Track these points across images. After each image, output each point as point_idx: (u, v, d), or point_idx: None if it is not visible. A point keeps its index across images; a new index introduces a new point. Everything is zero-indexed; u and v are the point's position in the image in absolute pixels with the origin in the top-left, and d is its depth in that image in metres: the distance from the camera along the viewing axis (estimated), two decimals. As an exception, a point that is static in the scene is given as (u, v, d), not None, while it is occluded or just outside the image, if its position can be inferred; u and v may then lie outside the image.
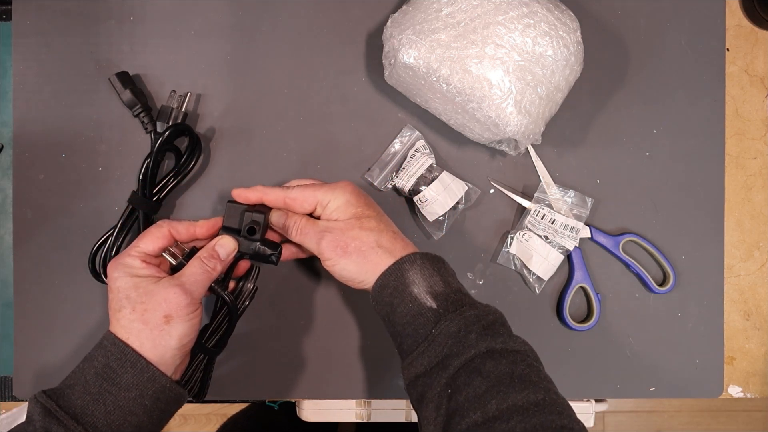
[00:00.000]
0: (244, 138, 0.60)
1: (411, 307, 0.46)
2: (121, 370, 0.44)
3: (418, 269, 0.47)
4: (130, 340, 0.45)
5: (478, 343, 0.44)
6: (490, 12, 0.52)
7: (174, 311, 0.45)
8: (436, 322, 0.45)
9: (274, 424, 0.91)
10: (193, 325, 0.47)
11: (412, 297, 0.46)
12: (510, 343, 0.45)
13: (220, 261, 0.49)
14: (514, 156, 0.60)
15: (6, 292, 0.62)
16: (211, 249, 0.49)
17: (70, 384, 0.45)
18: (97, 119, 0.60)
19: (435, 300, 0.46)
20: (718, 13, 0.63)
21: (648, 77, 0.62)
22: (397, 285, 0.47)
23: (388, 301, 0.47)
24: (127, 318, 0.45)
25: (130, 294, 0.46)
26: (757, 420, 1.54)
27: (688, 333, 0.62)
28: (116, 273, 0.47)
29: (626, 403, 1.54)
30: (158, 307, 0.45)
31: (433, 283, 0.47)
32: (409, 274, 0.47)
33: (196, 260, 0.49)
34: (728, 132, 0.64)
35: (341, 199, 0.50)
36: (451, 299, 0.46)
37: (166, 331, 0.45)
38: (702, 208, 0.63)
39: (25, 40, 0.60)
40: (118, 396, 0.43)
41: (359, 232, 0.49)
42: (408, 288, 0.46)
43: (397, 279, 0.47)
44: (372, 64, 0.61)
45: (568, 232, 0.60)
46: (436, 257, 0.49)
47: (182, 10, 0.60)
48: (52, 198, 0.60)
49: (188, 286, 0.46)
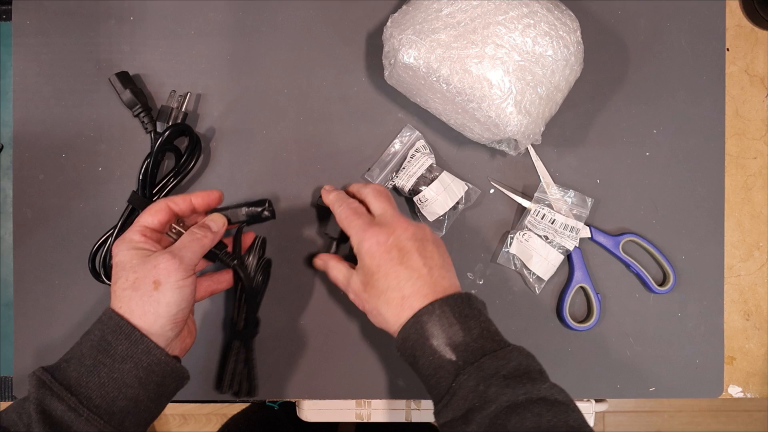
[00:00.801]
0: (244, 138, 0.60)
1: (432, 360, 0.46)
2: (115, 341, 0.44)
3: (436, 320, 0.46)
4: (122, 309, 0.45)
5: (499, 398, 0.43)
6: (490, 12, 0.52)
7: (163, 276, 0.45)
8: (455, 375, 0.44)
9: (274, 424, 0.91)
10: (184, 294, 0.46)
11: (432, 350, 0.46)
12: (534, 392, 0.43)
13: (211, 231, 0.50)
14: (514, 156, 0.60)
15: (6, 292, 0.62)
16: (201, 222, 0.51)
17: (67, 358, 0.45)
18: (97, 119, 0.60)
19: (454, 352, 0.45)
20: (718, 13, 0.63)
21: (648, 77, 0.62)
22: (417, 338, 0.46)
23: (410, 353, 0.47)
24: (120, 287, 0.46)
25: (125, 265, 0.46)
26: (757, 420, 1.54)
27: (688, 333, 0.62)
28: (117, 249, 0.48)
29: (626, 403, 1.54)
30: (148, 274, 0.45)
31: (452, 334, 0.46)
32: (428, 327, 0.46)
33: (187, 232, 0.50)
34: (728, 132, 0.64)
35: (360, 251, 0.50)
36: (471, 349, 0.45)
37: (155, 298, 0.45)
38: (702, 208, 0.63)
39: (25, 40, 0.60)
40: (113, 368, 0.43)
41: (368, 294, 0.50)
42: (428, 341, 0.46)
43: (416, 332, 0.46)
44: (372, 64, 0.61)
45: (568, 232, 0.60)
46: (460, 298, 0.48)
47: (182, 10, 0.60)
48: (52, 198, 0.60)
49: (177, 251, 0.47)
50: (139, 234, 0.48)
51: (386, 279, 0.48)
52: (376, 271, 0.49)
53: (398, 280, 0.48)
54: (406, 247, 0.49)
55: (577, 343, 0.62)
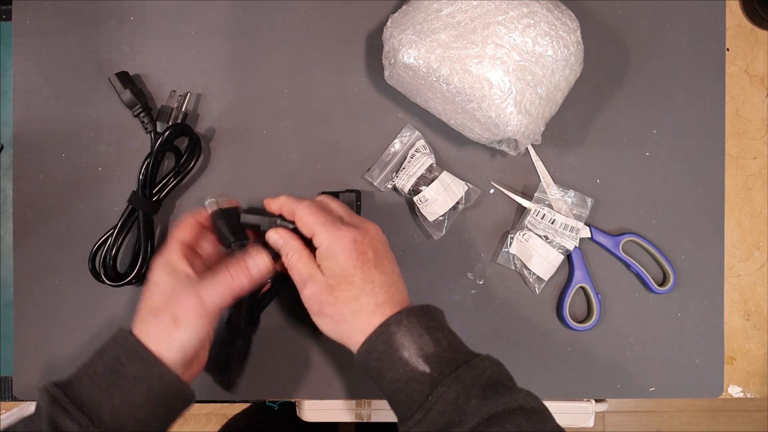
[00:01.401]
0: (244, 138, 0.60)
1: (402, 372, 0.43)
2: (129, 363, 0.44)
3: (405, 331, 0.44)
4: (140, 330, 0.45)
5: (480, 410, 0.41)
6: (490, 12, 0.52)
7: (183, 315, 0.45)
8: (431, 388, 0.42)
9: (274, 424, 0.91)
10: (200, 336, 0.46)
11: (403, 362, 0.43)
12: (512, 401, 0.42)
13: (248, 275, 0.47)
14: (514, 156, 0.60)
15: (6, 292, 0.62)
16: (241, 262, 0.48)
17: (79, 376, 0.45)
18: (97, 119, 0.60)
19: (427, 363, 0.43)
20: (718, 13, 0.63)
21: (648, 77, 0.62)
22: (384, 350, 0.44)
23: (375, 366, 0.44)
24: (144, 307, 0.46)
25: (156, 288, 0.46)
26: (757, 420, 1.54)
27: (688, 333, 0.62)
28: (156, 267, 0.48)
29: (626, 403, 1.54)
30: (170, 307, 0.45)
31: (423, 344, 0.43)
32: (397, 337, 0.43)
33: (222, 269, 0.47)
34: (728, 132, 0.64)
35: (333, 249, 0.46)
36: (444, 360, 0.43)
37: (171, 331, 0.45)
38: (702, 208, 0.63)
39: (25, 40, 0.60)
40: (125, 389, 0.43)
41: (335, 298, 0.46)
42: (397, 353, 0.43)
43: (384, 343, 0.44)
44: (372, 64, 0.61)
45: (568, 232, 0.60)
46: (423, 310, 0.46)
47: (182, 10, 0.60)
48: (52, 198, 0.60)
49: (205, 296, 0.46)
50: (178, 253, 0.48)
51: (362, 283, 0.45)
52: (352, 273, 0.45)
53: (373, 285, 0.45)
54: (380, 250, 0.47)
55: (577, 343, 0.62)
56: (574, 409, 0.64)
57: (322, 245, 0.46)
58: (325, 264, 0.46)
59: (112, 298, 0.59)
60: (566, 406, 0.64)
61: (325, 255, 0.46)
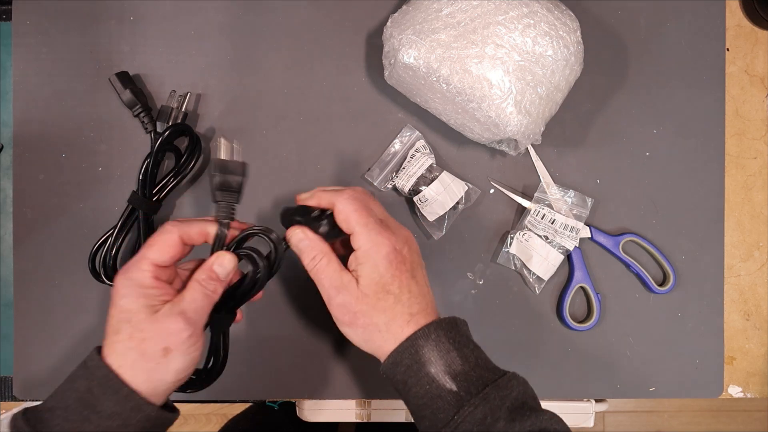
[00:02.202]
0: (244, 138, 0.60)
1: (428, 388, 0.42)
2: (103, 396, 0.41)
3: (433, 346, 0.43)
4: (123, 369, 0.41)
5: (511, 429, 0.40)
6: (490, 12, 0.52)
7: (174, 344, 0.42)
8: (458, 407, 0.41)
9: (274, 424, 0.91)
10: (193, 358, 0.43)
11: (429, 378, 0.42)
12: (537, 423, 0.41)
13: (220, 282, 0.45)
14: (514, 156, 0.60)
15: (6, 292, 0.62)
16: (209, 269, 0.45)
17: (50, 406, 0.42)
18: (97, 119, 0.60)
19: (454, 381, 0.42)
20: (718, 13, 0.63)
21: (648, 77, 0.62)
22: (410, 364, 0.43)
23: (401, 380, 0.44)
24: (123, 344, 0.42)
25: (131, 317, 0.42)
26: (757, 420, 1.54)
27: (688, 333, 0.62)
28: (124, 289, 0.43)
29: (626, 403, 1.54)
30: (158, 338, 0.42)
31: (450, 361, 0.42)
32: (424, 352, 0.43)
33: (194, 283, 0.44)
34: (728, 132, 0.64)
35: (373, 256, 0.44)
36: (472, 379, 0.42)
37: (163, 365, 0.42)
38: (702, 208, 0.63)
39: (25, 40, 0.60)
40: (99, 424, 0.40)
41: (372, 309, 0.44)
42: (424, 368, 0.42)
43: (411, 357, 0.43)
44: (372, 64, 0.61)
45: (568, 232, 0.60)
46: (450, 323, 0.45)
47: (182, 10, 0.60)
48: (52, 198, 0.60)
49: (190, 314, 0.43)
50: (150, 277, 0.43)
51: (399, 293, 0.44)
52: (390, 282, 0.44)
53: (410, 296, 0.44)
54: (415, 261, 0.46)
55: (577, 343, 0.62)
56: (574, 409, 0.64)
57: (361, 249, 0.44)
58: (362, 270, 0.44)
59: (112, 298, 0.59)
60: (566, 406, 0.64)
61: (363, 260, 0.44)
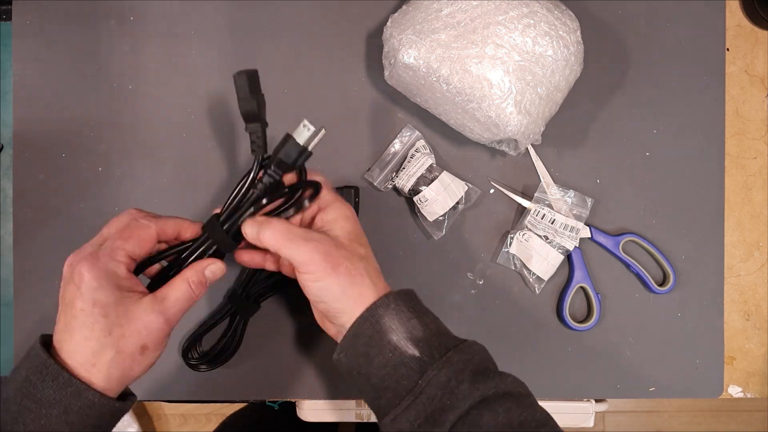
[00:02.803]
0: (245, 138, 0.60)
1: (391, 357, 0.41)
2: (41, 384, 0.39)
3: (394, 314, 0.42)
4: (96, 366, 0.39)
5: (472, 393, 0.40)
6: (490, 12, 0.52)
7: (152, 342, 0.41)
8: (421, 372, 0.41)
9: (274, 424, 0.91)
10: (162, 351, 0.43)
11: (392, 345, 0.41)
12: (501, 385, 0.41)
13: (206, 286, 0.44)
14: (514, 156, 0.60)
15: (6, 292, 0.62)
16: (200, 273, 0.44)
17: None
18: (97, 119, 0.60)
19: (417, 347, 0.41)
20: (718, 13, 0.63)
21: (648, 77, 0.62)
22: (372, 333, 0.41)
23: (363, 352, 0.42)
24: (98, 341, 0.39)
25: (109, 312, 0.39)
26: (757, 420, 1.54)
27: (688, 333, 0.62)
28: (99, 281, 0.40)
29: (626, 403, 1.54)
30: (137, 335, 0.40)
31: (411, 328, 0.42)
32: (385, 320, 0.41)
33: (183, 284, 0.43)
34: (728, 132, 0.64)
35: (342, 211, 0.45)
36: (434, 344, 0.42)
37: (138, 362, 0.41)
38: (702, 208, 0.63)
39: (25, 40, 0.60)
40: (39, 414, 0.38)
41: (352, 254, 0.43)
42: (386, 336, 0.41)
43: (372, 326, 0.41)
44: (372, 64, 0.61)
45: (568, 232, 0.60)
46: (408, 294, 0.44)
47: (182, 10, 0.60)
48: (52, 198, 0.60)
49: (171, 314, 0.42)
50: (124, 268, 0.41)
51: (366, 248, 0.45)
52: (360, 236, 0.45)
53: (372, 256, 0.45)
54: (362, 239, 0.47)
55: (577, 343, 0.62)
56: (574, 409, 0.64)
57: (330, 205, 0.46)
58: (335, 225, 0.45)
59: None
60: (566, 406, 0.64)
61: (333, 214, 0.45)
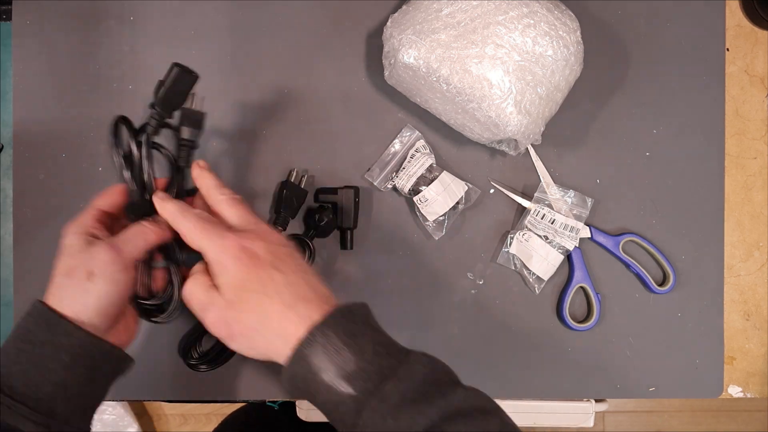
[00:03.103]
0: (245, 138, 0.60)
1: (328, 396, 0.40)
2: (35, 328, 0.43)
3: (320, 351, 0.40)
4: (53, 296, 0.44)
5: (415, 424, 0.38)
6: (490, 12, 0.52)
7: (98, 267, 0.43)
8: (358, 411, 0.39)
9: (274, 424, 0.91)
10: (118, 288, 0.44)
11: (325, 386, 0.40)
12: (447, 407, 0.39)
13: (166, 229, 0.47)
14: (514, 156, 0.60)
15: (6, 292, 0.62)
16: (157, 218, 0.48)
17: None
18: (97, 119, 0.60)
19: (350, 384, 0.39)
20: (718, 13, 0.63)
21: (648, 77, 0.62)
22: (305, 374, 0.40)
23: (304, 390, 0.41)
24: (57, 272, 0.45)
25: (67, 250, 0.45)
26: (757, 420, 1.54)
27: (688, 333, 0.62)
28: (66, 230, 0.46)
29: (626, 403, 1.54)
30: (84, 263, 0.44)
31: (342, 363, 0.40)
32: (313, 360, 0.40)
33: (137, 224, 0.47)
34: (728, 132, 0.64)
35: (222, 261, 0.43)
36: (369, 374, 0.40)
37: (86, 288, 0.43)
38: (702, 208, 0.63)
39: (25, 40, 0.60)
40: (32, 353, 0.42)
41: (240, 314, 0.42)
42: (318, 376, 0.40)
43: (303, 368, 0.40)
44: (372, 64, 0.61)
45: (568, 232, 0.60)
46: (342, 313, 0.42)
47: (182, 10, 0.60)
48: (52, 198, 0.60)
49: (119, 244, 0.45)
50: (92, 218, 0.47)
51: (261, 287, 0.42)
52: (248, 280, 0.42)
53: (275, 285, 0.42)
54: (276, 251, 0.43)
55: (577, 343, 0.62)
56: (574, 409, 0.64)
57: (210, 258, 0.43)
58: (220, 280, 0.43)
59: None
60: (566, 406, 0.64)
61: (216, 271, 0.43)
